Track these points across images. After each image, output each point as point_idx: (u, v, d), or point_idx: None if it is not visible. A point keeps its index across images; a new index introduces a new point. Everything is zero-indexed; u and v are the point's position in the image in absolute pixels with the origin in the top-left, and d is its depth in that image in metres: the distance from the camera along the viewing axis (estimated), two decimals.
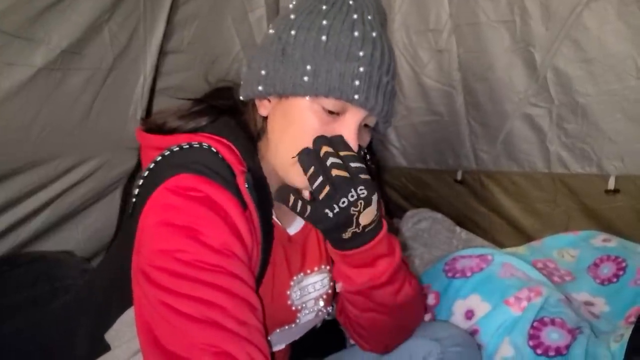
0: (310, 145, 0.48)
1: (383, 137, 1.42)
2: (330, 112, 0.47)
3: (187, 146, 0.48)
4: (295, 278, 0.56)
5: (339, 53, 0.46)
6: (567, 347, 0.66)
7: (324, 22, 0.47)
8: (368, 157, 0.64)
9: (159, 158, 0.48)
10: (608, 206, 0.99)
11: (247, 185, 0.46)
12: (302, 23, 0.48)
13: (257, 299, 0.46)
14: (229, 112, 0.54)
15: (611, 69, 0.91)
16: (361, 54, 0.46)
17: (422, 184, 1.39)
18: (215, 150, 0.47)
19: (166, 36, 0.91)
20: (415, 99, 1.30)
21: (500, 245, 1.12)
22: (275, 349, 0.59)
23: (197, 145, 0.48)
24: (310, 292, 0.58)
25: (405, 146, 1.39)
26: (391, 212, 1.44)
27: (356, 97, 0.46)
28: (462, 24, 1.11)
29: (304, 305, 0.57)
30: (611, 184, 0.97)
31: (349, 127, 0.48)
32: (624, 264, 0.83)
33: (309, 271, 0.58)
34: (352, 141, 0.48)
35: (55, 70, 0.72)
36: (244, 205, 0.46)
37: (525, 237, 1.12)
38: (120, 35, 0.81)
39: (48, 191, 0.85)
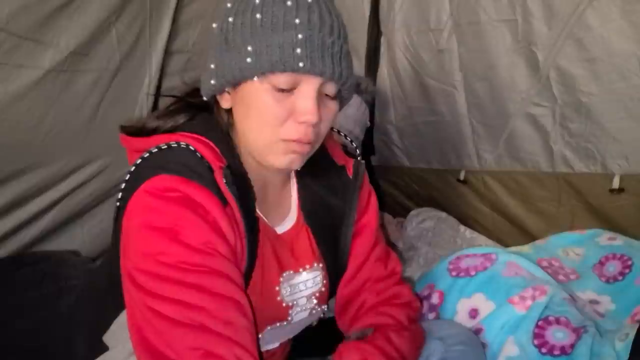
0: (272, 126, 0.47)
1: (385, 137, 1.42)
2: (283, 90, 0.46)
3: (166, 147, 0.48)
4: (284, 274, 0.55)
5: (275, 26, 0.45)
6: (572, 346, 0.66)
7: (257, 1, 0.46)
8: (356, 148, 0.63)
9: (139, 161, 0.48)
10: (613, 205, 0.99)
11: (225, 181, 0.46)
12: (237, 8, 0.47)
13: (244, 294, 0.46)
14: (206, 108, 0.54)
15: (615, 67, 0.90)
16: (297, 21, 0.45)
17: (425, 183, 1.39)
18: (193, 149, 0.48)
19: (171, 36, 0.92)
20: (416, 99, 1.30)
21: (504, 245, 1.12)
22: (268, 347, 0.59)
23: (175, 145, 0.48)
24: (301, 289, 0.57)
25: (407, 146, 1.39)
26: (384, 206, 1.45)
27: (301, 64, 0.45)
28: (462, 23, 1.11)
29: (295, 302, 0.56)
30: (615, 183, 0.97)
31: (306, 97, 0.46)
32: (629, 262, 0.83)
33: (300, 269, 0.57)
34: (312, 109, 0.46)
35: (63, 72, 0.73)
36: (224, 202, 0.46)
37: (529, 236, 1.11)
38: (128, 36, 0.82)
39: (55, 191, 0.86)
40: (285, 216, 0.58)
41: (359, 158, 0.62)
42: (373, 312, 0.59)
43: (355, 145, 0.64)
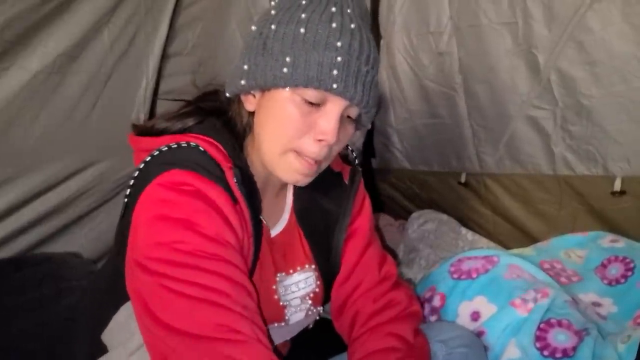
0: (291, 137, 0.48)
1: (386, 140, 1.42)
2: (311, 104, 0.48)
3: (175, 146, 0.49)
4: (278, 276, 0.57)
5: (317, 44, 0.47)
6: (574, 348, 0.66)
7: (303, 15, 0.48)
8: (355, 157, 0.65)
9: (148, 158, 0.49)
10: (614, 207, 0.98)
11: (235, 180, 0.48)
12: (282, 17, 0.49)
13: (252, 285, 0.48)
14: (215, 113, 0.55)
15: (615, 70, 0.90)
16: (339, 44, 0.47)
17: (426, 186, 1.39)
18: (202, 149, 0.48)
19: (169, 39, 0.92)
20: (416, 102, 1.30)
21: (505, 247, 1.11)
22: None
23: (185, 145, 0.49)
24: (294, 290, 0.58)
25: (408, 149, 1.39)
26: (383, 207, 1.45)
27: (335, 86, 0.47)
28: (462, 26, 1.11)
29: (288, 302, 0.58)
30: (617, 186, 0.96)
31: (329, 117, 0.48)
32: (632, 265, 0.82)
33: (291, 271, 0.58)
34: (332, 131, 0.48)
35: (53, 74, 0.73)
36: (234, 200, 0.47)
37: (530, 239, 1.11)
38: (121, 38, 0.82)
39: (55, 194, 0.85)
40: (279, 218, 0.59)
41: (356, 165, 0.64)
42: (379, 333, 0.58)
43: (355, 155, 0.65)
